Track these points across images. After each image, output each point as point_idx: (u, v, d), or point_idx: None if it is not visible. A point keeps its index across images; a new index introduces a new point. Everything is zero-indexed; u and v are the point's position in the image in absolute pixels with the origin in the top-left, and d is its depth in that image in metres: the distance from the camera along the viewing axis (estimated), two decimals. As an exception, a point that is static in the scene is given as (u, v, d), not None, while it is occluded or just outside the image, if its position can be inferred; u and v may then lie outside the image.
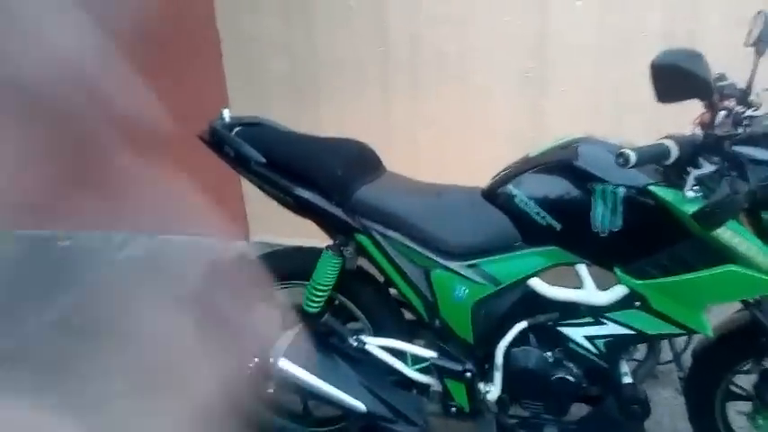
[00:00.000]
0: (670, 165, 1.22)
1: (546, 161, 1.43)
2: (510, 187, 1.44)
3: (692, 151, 1.20)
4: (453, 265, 1.48)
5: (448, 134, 2.92)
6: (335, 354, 1.60)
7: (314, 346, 1.59)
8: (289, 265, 1.73)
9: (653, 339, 1.46)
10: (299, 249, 1.74)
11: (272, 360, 1.54)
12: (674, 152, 1.16)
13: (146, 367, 2.32)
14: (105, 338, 2.50)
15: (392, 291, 1.67)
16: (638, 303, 1.37)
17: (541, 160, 1.45)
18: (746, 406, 1.55)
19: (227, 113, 1.66)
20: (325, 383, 1.52)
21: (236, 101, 3.13)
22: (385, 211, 1.50)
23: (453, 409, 1.57)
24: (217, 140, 1.60)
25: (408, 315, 1.67)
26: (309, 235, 1.62)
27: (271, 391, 1.65)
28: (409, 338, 1.64)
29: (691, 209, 1.20)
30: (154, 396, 2.14)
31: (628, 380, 1.43)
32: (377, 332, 1.65)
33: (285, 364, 1.51)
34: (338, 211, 1.51)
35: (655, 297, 1.35)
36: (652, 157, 1.15)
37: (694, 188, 1.20)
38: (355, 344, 1.55)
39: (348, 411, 1.53)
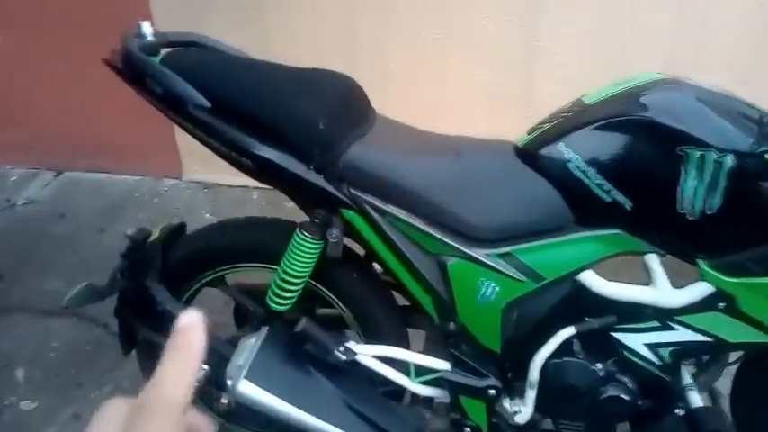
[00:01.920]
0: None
1: (613, 113, 1.02)
2: (561, 148, 1.03)
3: None
4: (479, 253, 1.08)
5: (424, 55, 2.44)
6: (311, 365, 1.20)
7: (283, 356, 1.18)
8: (246, 242, 1.28)
9: (732, 349, 1.14)
10: (260, 222, 1.29)
11: (229, 382, 1.13)
12: None
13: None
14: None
15: (377, 267, 1.28)
16: (722, 305, 1.04)
17: (605, 112, 1.04)
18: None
19: (147, 28, 1.13)
20: (304, 413, 1.12)
21: (159, 7, 2.50)
22: (384, 178, 1.07)
23: (468, 429, 1.23)
24: (134, 70, 1.08)
25: (400, 298, 1.29)
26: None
27: (225, 402, 1.24)
28: (407, 340, 1.26)
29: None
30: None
31: (697, 399, 1.12)
32: (366, 330, 1.26)
33: (248, 389, 1.10)
34: (319, 179, 1.06)
35: (748, 298, 1.02)
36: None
37: None
38: (344, 357, 1.15)
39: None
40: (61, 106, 2.77)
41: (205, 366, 1.25)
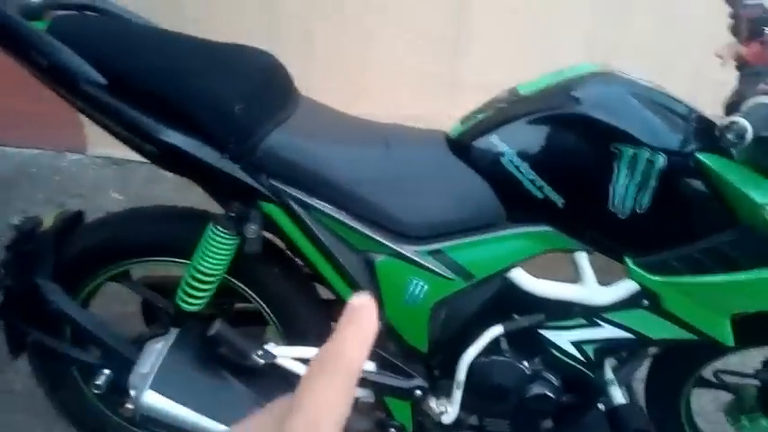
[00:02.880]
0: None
1: (547, 106, 0.98)
2: (495, 140, 0.99)
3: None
4: (408, 250, 1.02)
5: (347, 28, 2.34)
6: (225, 370, 1.10)
7: (192, 362, 1.08)
8: (153, 233, 1.15)
9: (653, 345, 1.15)
10: (170, 211, 1.17)
11: (133, 393, 1.02)
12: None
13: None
14: None
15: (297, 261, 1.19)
16: (646, 302, 1.04)
17: (540, 104, 1.00)
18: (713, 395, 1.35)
19: (30, -14, 0.97)
20: (218, 423, 1.03)
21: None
22: (308, 168, 0.98)
23: (392, 429, 1.19)
24: (11, 37, 0.93)
25: (324, 291, 1.22)
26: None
27: (130, 407, 1.13)
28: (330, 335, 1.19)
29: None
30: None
31: (618, 396, 1.12)
32: (287, 328, 1.18)
33: (154, 400, 1.00)
34: (234, 169, 0.96)
35: (671, 297, 1.02)
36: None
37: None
38: (262, 360, 1.06)
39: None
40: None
41: (107, 371, 1.14)
